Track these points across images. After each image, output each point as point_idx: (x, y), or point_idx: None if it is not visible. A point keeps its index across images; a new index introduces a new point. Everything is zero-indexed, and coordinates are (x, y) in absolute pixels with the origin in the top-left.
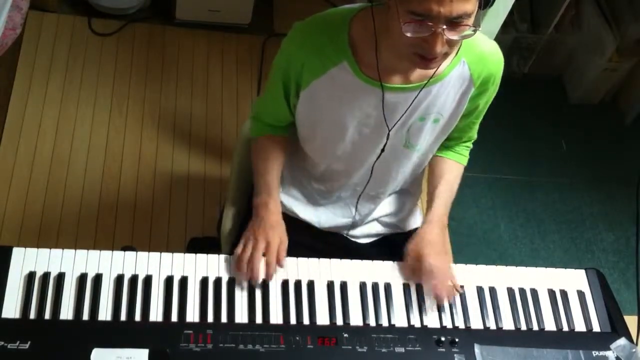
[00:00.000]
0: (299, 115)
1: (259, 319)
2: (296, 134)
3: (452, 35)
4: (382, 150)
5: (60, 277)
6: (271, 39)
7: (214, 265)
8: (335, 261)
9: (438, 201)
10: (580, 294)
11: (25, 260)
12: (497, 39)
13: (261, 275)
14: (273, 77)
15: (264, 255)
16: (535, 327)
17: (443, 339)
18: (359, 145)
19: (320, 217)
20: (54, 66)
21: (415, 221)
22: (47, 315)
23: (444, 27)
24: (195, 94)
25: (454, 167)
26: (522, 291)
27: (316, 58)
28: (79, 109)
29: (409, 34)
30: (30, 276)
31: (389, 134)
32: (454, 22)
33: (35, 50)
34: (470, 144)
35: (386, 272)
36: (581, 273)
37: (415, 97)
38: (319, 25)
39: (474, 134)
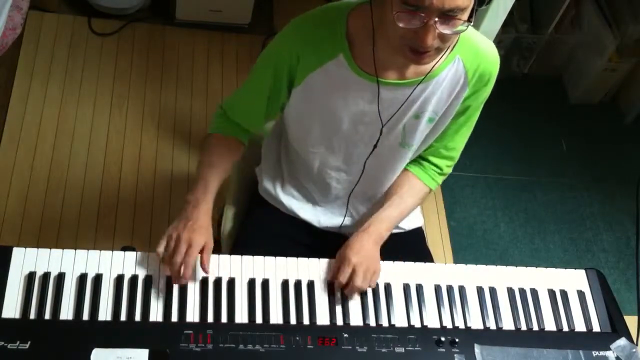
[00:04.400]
0: (293, 111)
1: (259, 319)
2: (290, 134)
3: (444, 29)
4: (375, 146)
5: (60, 277)
6: (271, 39)
7: (214, 266)
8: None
9: (381, 213)
10: (580, 294)
11: (25, 260)
12: (497, 39)
13: (183, 277)
14: (258, 74)
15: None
16: (535, 327)
17: (443, 339)
18: (354, 141)
19: (320, 216)
20: (54, 66)
21: (415, 221)
22: (47, 315)
23: (437, 19)
24: (195, 94)
25: (417, 188)
26: (522, 291)
27: (312, 51)
28: (79, 109)
29: (401, 25)
30: (30, 276)
31: (382, 129)
32: (447, 16)
33: (35, 50)
34: (449, 166)
35: (386, 272)
36: (581, 273)
37: (411, 94)
38: (316, 18)
39: (456, 154)
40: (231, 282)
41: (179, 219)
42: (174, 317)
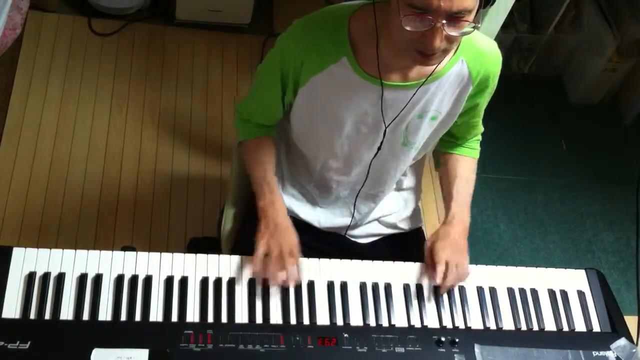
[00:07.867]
0: (296, 112)
1: (259, 319)
2: (292, 134)
3: (452, 31)
4: (379, 148)
5: (60, 277)
6: (271, 39)
7: (214, 265)
8: (335, 261)
9: (455, 201)
10: (580, 294)
11: (25, 260)
12: (497, 39)
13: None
14: (266, 74)
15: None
16: (535, 327)
17: (443, 339)
18: (356, 143)
19: (320, 217)
20: (54, 66)
21: (417, 221)
22: (47, 316)
23: (444, 22)
24: (195, 94)
25: (467, 162)
26: (522, 291)
27: (315, 54)
28: (79, 109)
29: (408, 28)
30: (31, 276)
31: (385, 131)
32: (454, 18)
33: (35, 50)
34: (479, 137)
35: (386, 272)
36: (581, 273)
37: (414, 95)
38: (318, 21)
39: (479, 129)
40: (231, 282)
41: (262, 226)
42: (174, 317)
